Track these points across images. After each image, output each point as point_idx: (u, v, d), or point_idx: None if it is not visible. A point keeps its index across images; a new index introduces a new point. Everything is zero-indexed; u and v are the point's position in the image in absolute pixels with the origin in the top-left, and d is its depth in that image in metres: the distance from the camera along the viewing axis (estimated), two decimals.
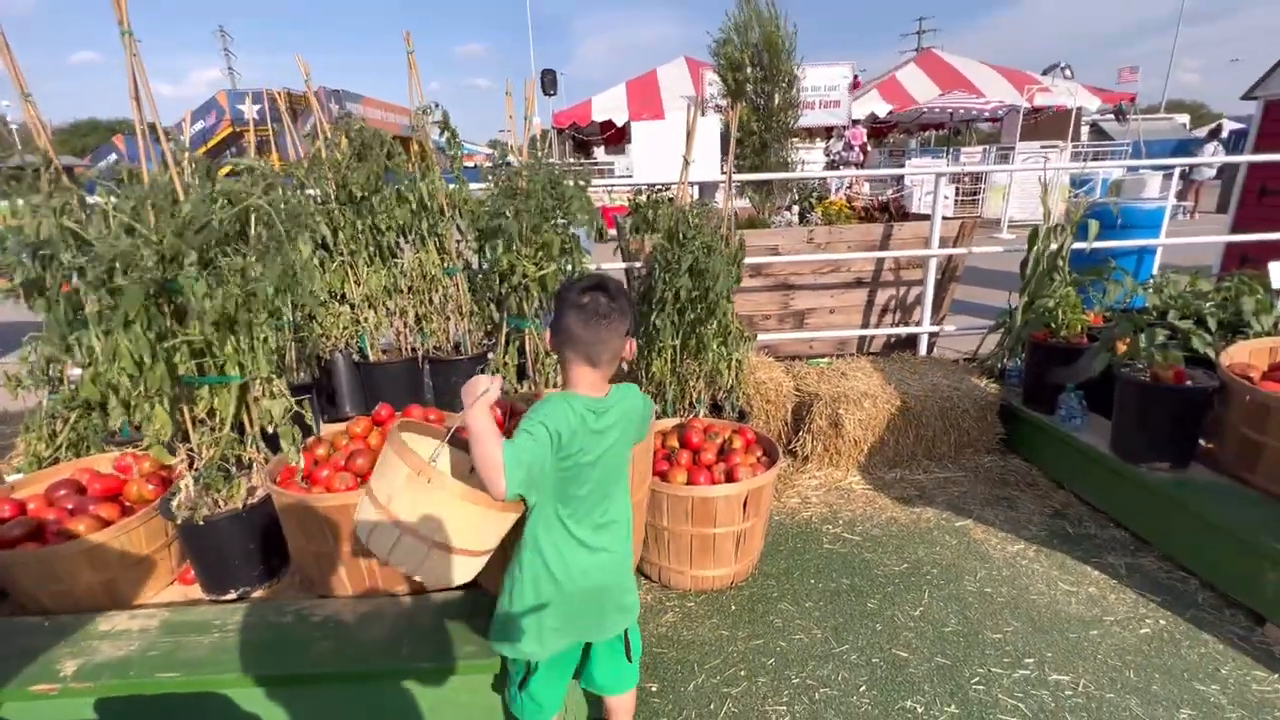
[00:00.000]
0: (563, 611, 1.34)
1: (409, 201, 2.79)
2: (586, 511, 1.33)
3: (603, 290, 1.28)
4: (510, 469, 1.16)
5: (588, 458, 1.28)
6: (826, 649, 1.98)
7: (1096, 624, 2.05)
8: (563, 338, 1.28)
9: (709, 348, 2.60)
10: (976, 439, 3.10)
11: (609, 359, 1.29)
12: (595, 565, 1.35)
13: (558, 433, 1.21)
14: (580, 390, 1.29)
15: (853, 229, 3.87)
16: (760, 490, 2.14)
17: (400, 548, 1.34)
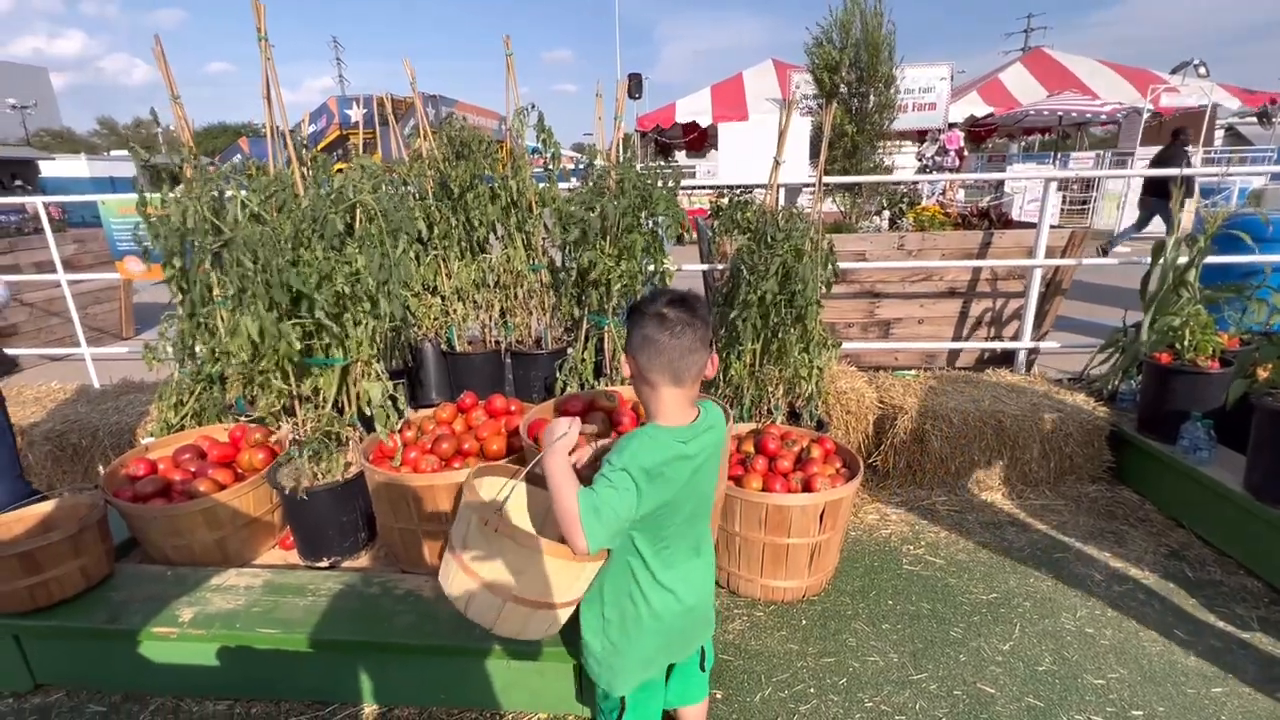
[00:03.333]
0: (659, 643, 1.29)
1: (500, 198, 2.89)
2: (679, 540, 1.24)
3: (682, 301, 1.17)
4: (588, 523, 1.07)
5: (681, 493, 1.18)
6: (903, 675, 1.88)
7: (1220, 682, 1.83)
8: (645, 355, 1.15)
9: (791, 353, 2.54)
10: (1080, 466, 2.86)
11: (695, 374, 1.18)
12: (687, 591, 1.27)
13: (644, 474, 1.10)
14: (668, 420, 1.18)
15: (947, 236, 3.67)
16: (838, 503, 2.06)
17: (477, 600, 1.26)
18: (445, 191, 2.93)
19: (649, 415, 1.22)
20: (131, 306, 6.20)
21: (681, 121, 13.71)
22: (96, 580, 1.88)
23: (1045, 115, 12.63)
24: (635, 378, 1.20)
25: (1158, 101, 11.38)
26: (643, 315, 1.18)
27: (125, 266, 3.69)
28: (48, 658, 1.83)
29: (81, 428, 2.99)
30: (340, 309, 1.87)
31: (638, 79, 13.63)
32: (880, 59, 4.09)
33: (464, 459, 2.02)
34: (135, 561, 2.11)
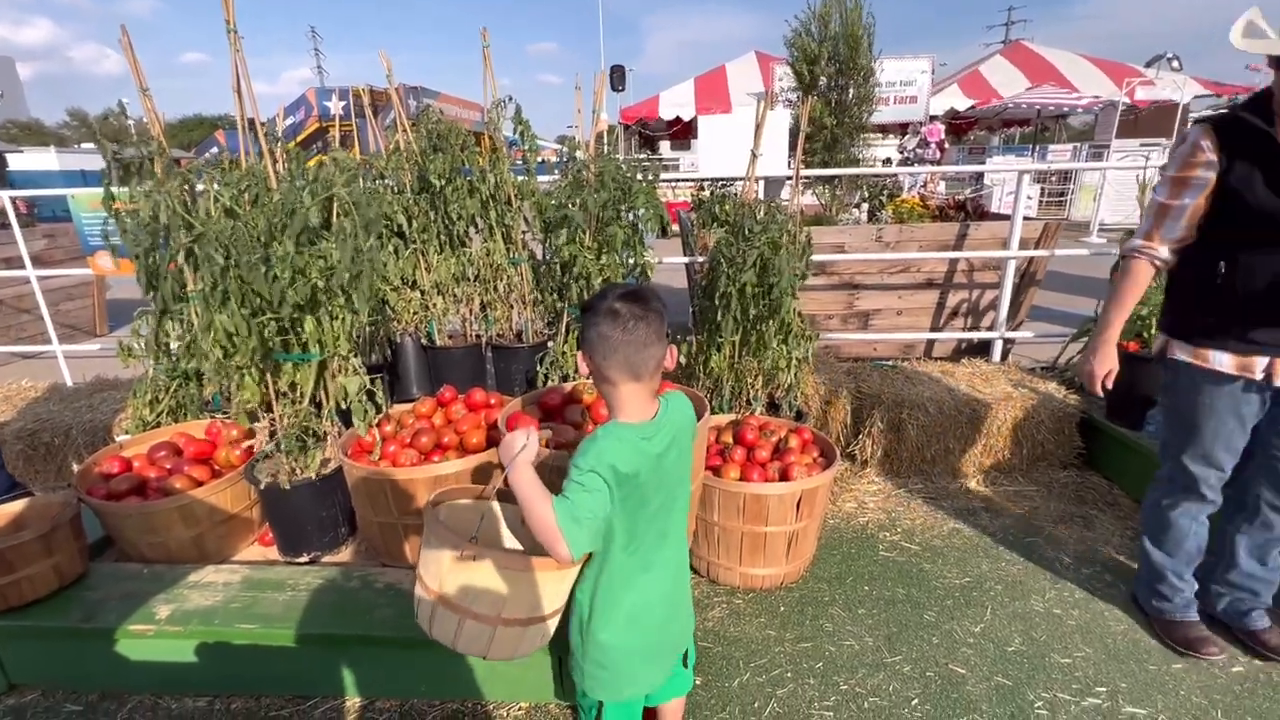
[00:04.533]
0: (650, 641, 1.29)
1: (480, 192, 2.88)
2: (648, 533, 1.23)
3: (634, 295, 1.15)
4: (569, 531, 1.07)
5: (648, 487, 1.17)
6: (878, 658, 1.93)
7: (1181, 659, 1.89)
8: (601, 352, 1.13)
9: (770, 345, 2.57)
10: (1051, 452, 2.92)
11: (653, 368, 1.16)
12: (661, 580, 1.28)
13: (612, 472, 1.10)
14: (629, 416, 1.18)
15: (925, 228, 3.72)
16: (815, 491, 2.10)
17: (465, 633, 1.21)
18: (424, 185, 2.91)
19: (611, 412, 1.21)
20: (104, 303, 6.09)
21: (665, 115, 13.69)
22: (70, 579, 1.86)
23: (1024, 108, 12.79)
24: (594, 375, 1.19)
25: (1133, 94, 11.57)
26: (595, 312, 1.15)
27: (96, 262, 3.63)
28: (21, 658, 1.81)
29: (54, 426, 2.94)
30: (315, 304, 1.85)
31: (620, 71, 13.60)
32: (859, 51, 4.12)
33: (443, 452, 2.03)
34: (111, 560, 2.09)
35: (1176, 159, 1.68)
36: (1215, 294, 1.67)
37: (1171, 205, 1.67)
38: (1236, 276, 1.63)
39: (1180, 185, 1.66)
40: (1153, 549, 1.98)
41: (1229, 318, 1.67)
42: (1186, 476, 1.86)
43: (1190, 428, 1.81)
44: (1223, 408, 1.74)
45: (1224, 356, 1.70)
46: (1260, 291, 1.60)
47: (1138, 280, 1.76)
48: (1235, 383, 1.71)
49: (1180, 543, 1.92)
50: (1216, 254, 1.65)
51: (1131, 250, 1.75)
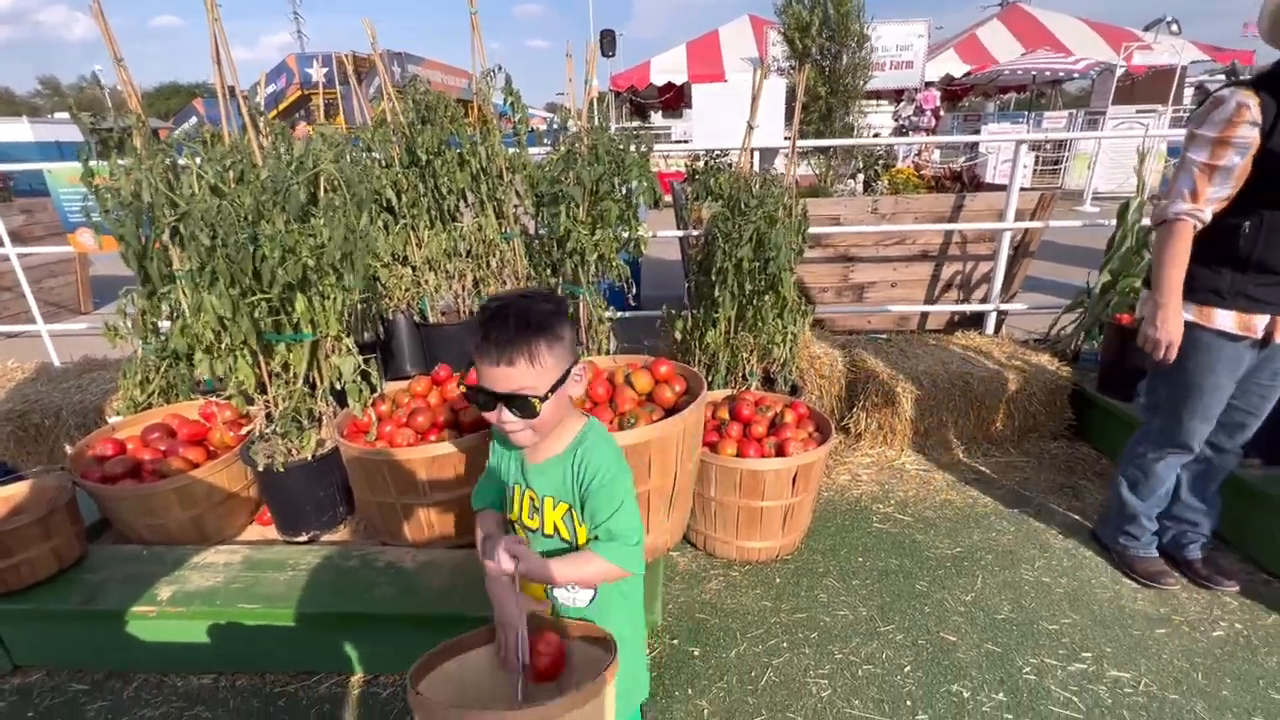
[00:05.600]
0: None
1: (470, 165, 2.82)
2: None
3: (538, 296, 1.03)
4: (628, 561, 1.05)
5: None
6: (871, 627, 1.97)
7: (1164, 623, 1.96)
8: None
9: (766, 320, 2.56)
10: (1043, 424, 2.96)
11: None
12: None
13: (625, 469, 1.11)
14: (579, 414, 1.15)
15: (920, 199, 3.69)
16: (810, 466, 2.12)
17: None
18: (412, 158, 2.84)
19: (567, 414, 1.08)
20: (88, 280, 5.98)
21: (657, 82, 13.40)
22: (70, 562, 1.86)
23: (1020, 74, 12.60)
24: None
25: (1130, 59, 11.41)
26: (561, 313, 1.03)
27: (78, 239, 3.55)
28: (25, 639, 1.82)
29: (43, 407, 2.91)
30: (306, 284, 1.82)
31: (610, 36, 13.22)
32: (851, 17, 4.02)
33: (439, 431, 2.02)
34: (109, 543, 2.09)
35: (1218, 120, 1.66)
36: (1234, 253, 1.72)
37: (1218, 166, 1.67)
38: (1260, 235, 1.68)
39: (1224, 145, 1.65)
40: (1129, 495, 2.10)
41: (1242, 276, 1.73)
42: (1180, 432, 1.93)
43: (1189, 386, 1.86)
44: (1222, 367, 1.81)
45: (1229, 316, 1.76)
46: (1277, 250, 1.67)
47: (1184, 244, 1.74)
48: (1238, 342, 1.78)
49: (1155, 489, 2.05)
50: (1241, 214, 1.69)
51: (1178, 214, 1.73)
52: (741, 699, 1.74)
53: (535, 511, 1.12)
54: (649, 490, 1.67)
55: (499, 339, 0.95)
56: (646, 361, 2.04)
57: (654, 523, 1.75)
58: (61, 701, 1.76)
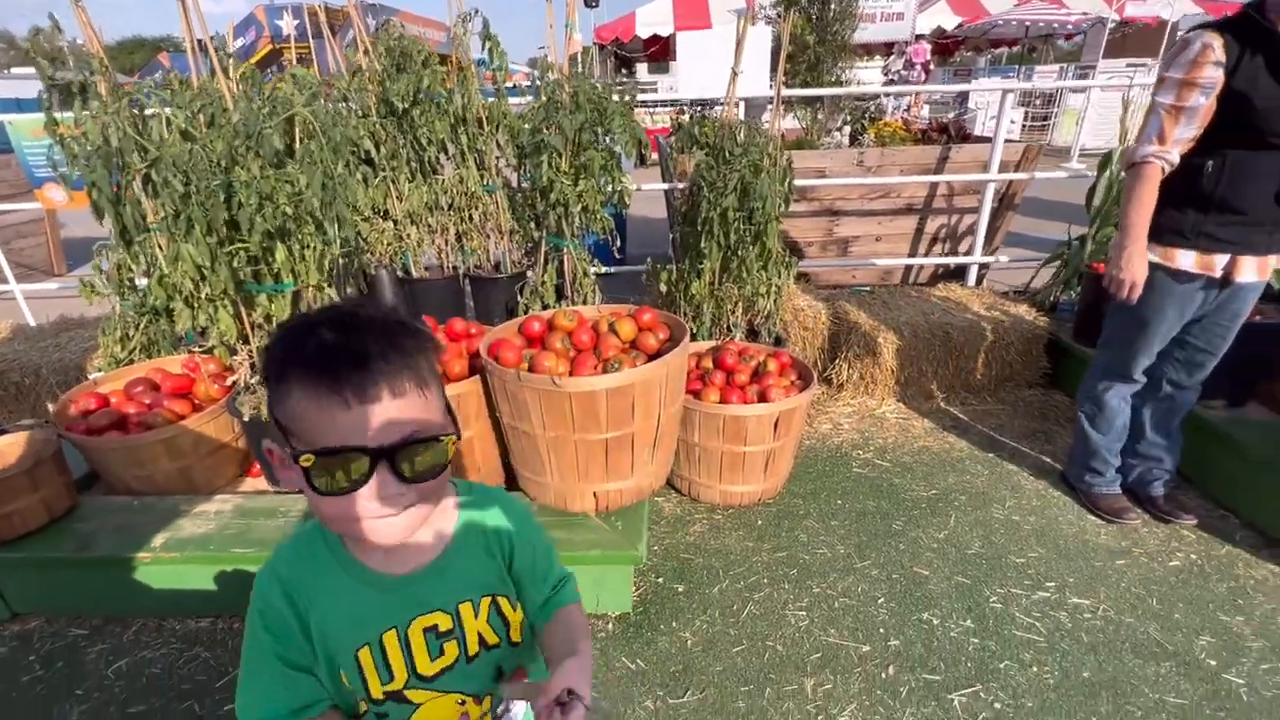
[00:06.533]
0: None
1: (449, 114, 2.76)
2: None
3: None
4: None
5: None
6: (848, 564, 2.06)
7: (1125, 555, 2.06)
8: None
9: (751, 271, 2.57)
10: (1019, 372, 3.03)
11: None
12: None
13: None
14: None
15: (906, 151, 3.67)
16: (792, 412, 2.17)
17: None
18: (389, 108, 2.77)
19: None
20: (59, 241, 5.82)
21: (642, 34, 13.00)
22: (60, 512, 1.88)
23: (1013, 26, 12.38)
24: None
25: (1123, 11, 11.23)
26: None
27: (45, 195, 3.45)
28: (21, 588, 1.85)
29: (23, 366, 2.88)
30: (285, 232, 1.80)
31: None
32: None
33: None
34: (99, 495, 2.11)
35: (1183, 62, 1.69)
36: (1197, 193, 1.76)
37: (1184, 107, 1.70)
38: (1223, 175, 1.72)
39: (1190, 87, 1.68)
40: (1090, 430, 2.19)
41: (1205, 216, 1.77)
42: (1126, 364, 2.04)
43: (1140, 323, 1.94)
44: (1172, 305, 1.89)
45: (1190, 256, 1.82)
46: (1244, 189, 1.72)
47: (1153, 185, 1.78)
48: (1194, 282, 1.84)
49: (1112, 421, 2.15)
50: (1205, 154, 1.73)
51: (1145, 157, 1.77)
52: (724, 630, 1.82)
53: (439, 644, 0.73)
54: (632, 433, 1.71)
55: (365, 360, 0.58)
56: (631, 310, 2.06)
57: (638, 465, 1.80)
58: (62, 645, 1.80)
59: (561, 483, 1.78)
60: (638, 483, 1.84)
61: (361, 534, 0.64)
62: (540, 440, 1.71)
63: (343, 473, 0.59)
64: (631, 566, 1.76)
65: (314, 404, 0.58)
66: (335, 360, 0.58)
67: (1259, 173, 1.71)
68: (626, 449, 1.74)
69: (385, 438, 0.60)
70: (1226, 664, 1.67)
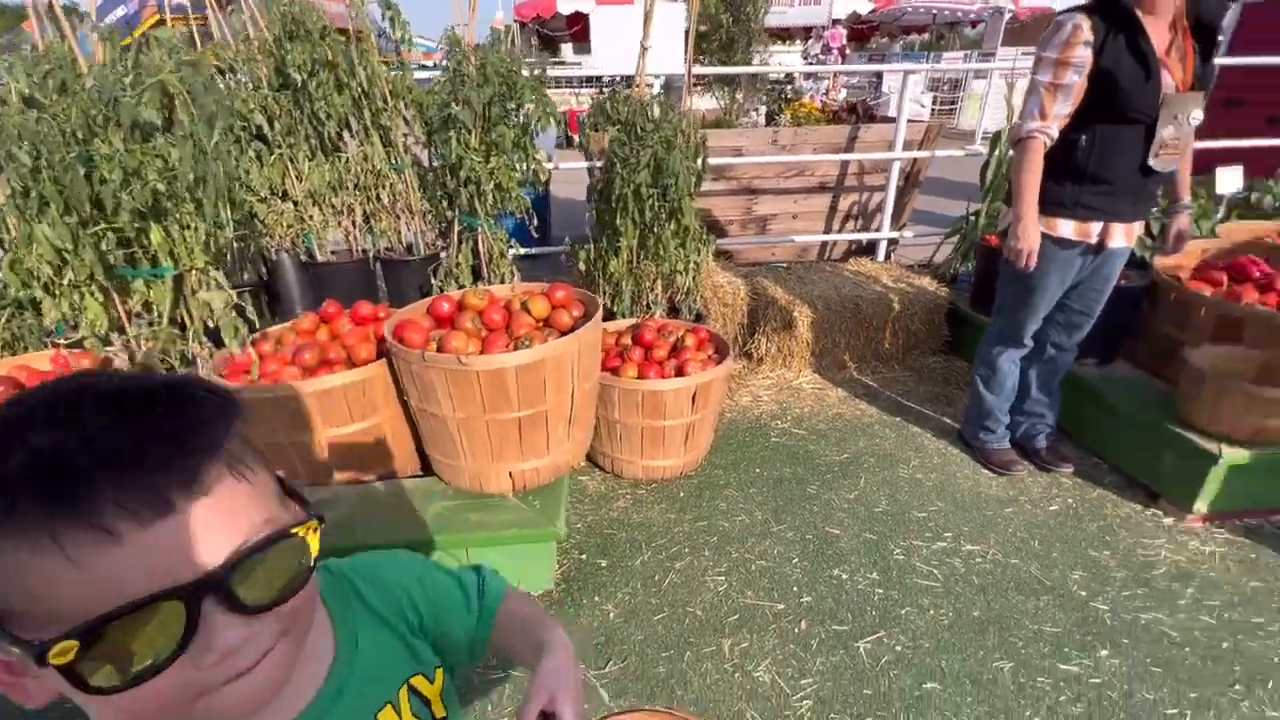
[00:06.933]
0: None
1: (349, 88, 2.62)
2: None
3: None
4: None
5: None
6: (765, 528, 2.13)
7: (1012, 503, 2.23)
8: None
9: (668, 248, 2.59)
10: (924, 341, 3.21)
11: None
12: None
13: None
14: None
15: (818, 131, 3.78)
16: (709, 385, 2.21)
17: None
18: (283, 80, 2.60)
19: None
20: None
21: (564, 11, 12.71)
22: None
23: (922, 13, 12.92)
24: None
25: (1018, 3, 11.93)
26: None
27: None
28: None
29: None
30: (159, 212, 1.66)
31: None
32: None
33: (330, 368, 1.95)
34: None
35: (1057, 42, 1.81)
36: (1073, 166, 1.90)
37: (1060, 84, 1.82)
38: (1094, 148, 1.86)
39: (1064, 65, 1.80)
40: (985, 392, 2.36)
41: (1080, 187, 1.92)
42: (1017, 330, 2.20)
43: (1028, 289, 2.09)
44: (1055, 272, 2.04)
45: (1069, 224, 1.96)
46: (1110, 161, 1.87)
47: (1038, 159, 1.90)
48: (1074, 249, 2.00)
49: (1004, 383, 2.32)
50: (1078, 129, 1.87)
51: (1029, 133, 1.89)
52: (645, 599, 1.85)
53: None
54: (546, 411, 1.70)
55: (128, 459, 0.36)
56: (544, 288, 2.03)
57: (554, 442, 1.79)
58: None
59: (475, 464, 1.75)
60: (555, 460, 1.83)
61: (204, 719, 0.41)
62: (450, 422, 1.67)
63: (143, 643, 0.36)
64: (552, 544, 1.76)
65: (48, 558, 0.34)
66: (70, 473, 0.35)
67: (1123, 146, 1.87)
68: (541, 427, 1.73)
69: (204, 560, 0.38)
70: (1094, 593, 1.85)
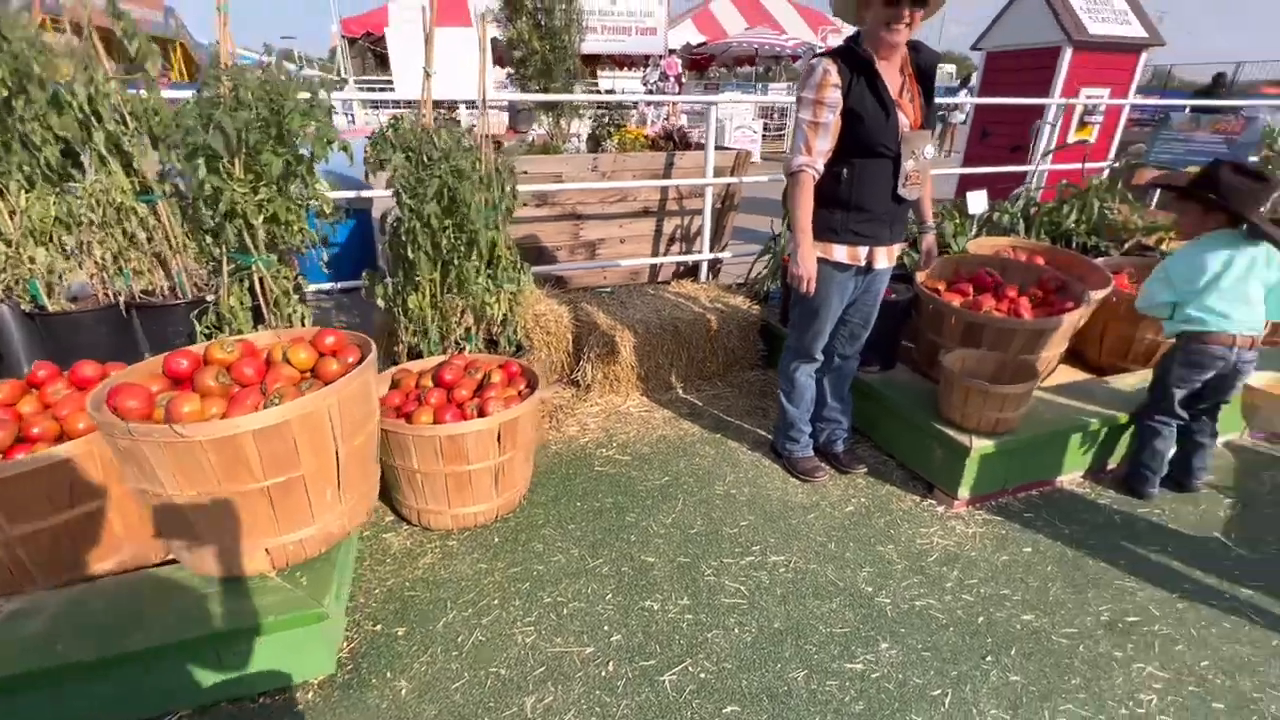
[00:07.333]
0: None
1: (71, 108, 2.22)
2: None
3: None
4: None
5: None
6: (581, 565, 2.07)
7: (814, 509, 2.37)
8: None
9: (471, 281, 2.47)
10: (742, 357, 3.37)
11: None
12: None
13: None
14: None
15: (636, 157, 3.87)
16: (515, 422, 2.12)
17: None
18: None
19: None
20: None
21: None
22: None
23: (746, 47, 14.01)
24: None
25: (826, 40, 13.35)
26: None
27: None
28: None
29: None
30: None
31: None
32: None
33: (31, 446, 1.59)
34: None
35: (812, 84, 1.97)
36: (838, 196, 2.07)
37: (820, 123, 1.97)
38: (853, 181, 2.04)
39: (820, 105, 1.95)
40: (787, 405, 2.51)
41: (847, 215, 2.09)
42: (809, 345, 2.36)
43: (815, 310, 2.25)
44: (834, 292, 2.21)
45: (842, 249, 2.13)
46: (867, 192, 2.05)
47: (808, 191, 2.04)
48: (848, 270, 2.17)
49: (803, 395, 2.47)
50: (839, 163, 2.03)
51: (799, 166, 2.02)
52: (445, 666, 1.71)
53: None
54: (302, 475, 1.50)
55: None
56: (312, 333, 1.83)
57: (321, 509, 1.59)
58: None
59: (221, 545, 1.50)
60: (325, 528, 1.63)
61: None
62: (179, 501, 1.42)
63: None
64: (322, 625, 1.56)
65: None
66: None
67: (876, 178, 2.06)
68: (299, 493, 1.53)
69: None
70: (879, 588, 2.00)
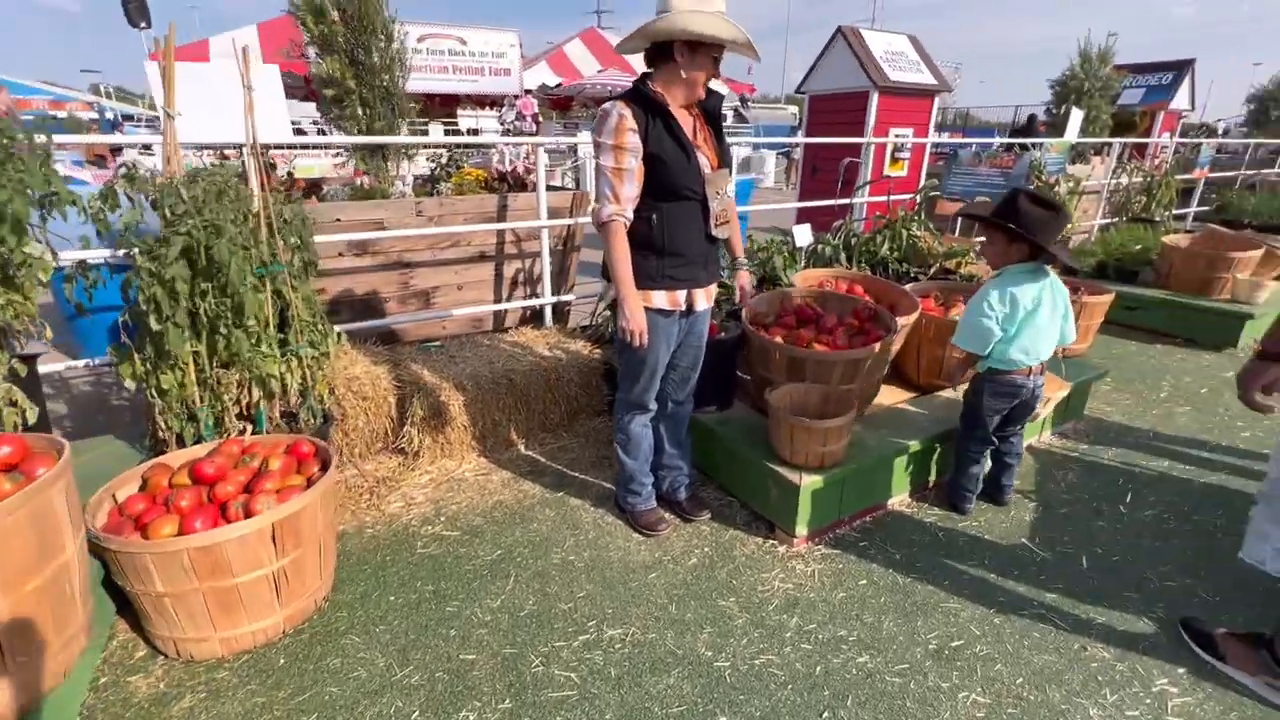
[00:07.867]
0: None
1: None
2: None
3: None
4: None
5: None
6: (386, 678, 1.77)
7: (657, 566, 2.23)
8: None
9: (244, 351, 2.12)
10: (586, 405, 3.22)
11: None
12: None
13: None
14: None
15: (465, 200, 3.67)
16: (296, 517, 1.79)
17: None
18: None
19: None
20: None
21: None
22: None
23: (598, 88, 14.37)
24: None
25: None
26: None
27: None
28: None
29: None
30: None
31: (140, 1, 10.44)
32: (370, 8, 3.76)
33: None
34: None
35: (609, 129, 1.86)
36: (650, 242, 1.97)
37: (624, 169, 1.87)
38: (664, 226, 1.96)
39: (621, 151, 1.85)
40: (625, 458, 2.38)
41: (662, 260, 2.00)
42: (640, 396, 2.25)
43: (642, 359, 2.15)
44: (660, 339, 2.11)
45: (662, 295, 2.04)
46: (677, 237, 1.98)
47: (623, 240, 1.93)
48: (670, 316, 2.09)
49: (640, 446, 2.35)
50: (649, 209, 1.94)
51: (609, 217, 1.90)
52: None
53: None
54: None
55: None
56: None
57: None
58: None
59: None
60: None
61: None
62: None
63: None
64: None
65: None
66: None
67: (686, 220, 2.00)
68: None
69: None
70: (719, 650, 1.88)
